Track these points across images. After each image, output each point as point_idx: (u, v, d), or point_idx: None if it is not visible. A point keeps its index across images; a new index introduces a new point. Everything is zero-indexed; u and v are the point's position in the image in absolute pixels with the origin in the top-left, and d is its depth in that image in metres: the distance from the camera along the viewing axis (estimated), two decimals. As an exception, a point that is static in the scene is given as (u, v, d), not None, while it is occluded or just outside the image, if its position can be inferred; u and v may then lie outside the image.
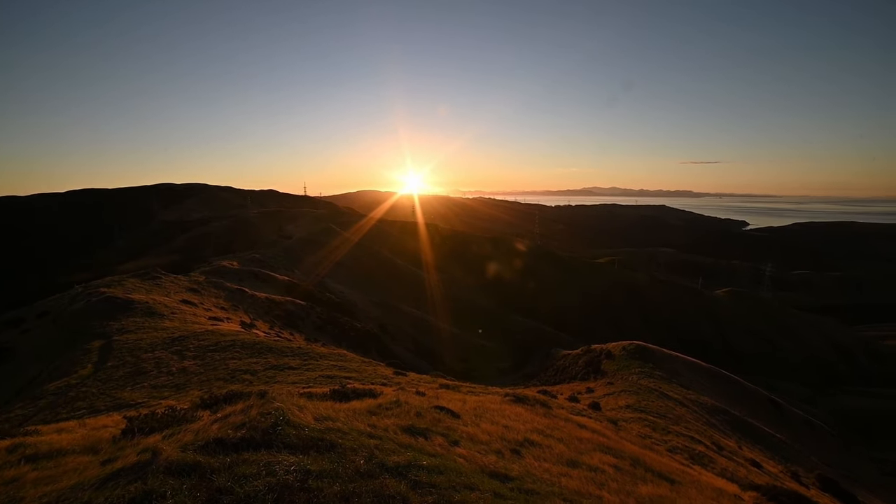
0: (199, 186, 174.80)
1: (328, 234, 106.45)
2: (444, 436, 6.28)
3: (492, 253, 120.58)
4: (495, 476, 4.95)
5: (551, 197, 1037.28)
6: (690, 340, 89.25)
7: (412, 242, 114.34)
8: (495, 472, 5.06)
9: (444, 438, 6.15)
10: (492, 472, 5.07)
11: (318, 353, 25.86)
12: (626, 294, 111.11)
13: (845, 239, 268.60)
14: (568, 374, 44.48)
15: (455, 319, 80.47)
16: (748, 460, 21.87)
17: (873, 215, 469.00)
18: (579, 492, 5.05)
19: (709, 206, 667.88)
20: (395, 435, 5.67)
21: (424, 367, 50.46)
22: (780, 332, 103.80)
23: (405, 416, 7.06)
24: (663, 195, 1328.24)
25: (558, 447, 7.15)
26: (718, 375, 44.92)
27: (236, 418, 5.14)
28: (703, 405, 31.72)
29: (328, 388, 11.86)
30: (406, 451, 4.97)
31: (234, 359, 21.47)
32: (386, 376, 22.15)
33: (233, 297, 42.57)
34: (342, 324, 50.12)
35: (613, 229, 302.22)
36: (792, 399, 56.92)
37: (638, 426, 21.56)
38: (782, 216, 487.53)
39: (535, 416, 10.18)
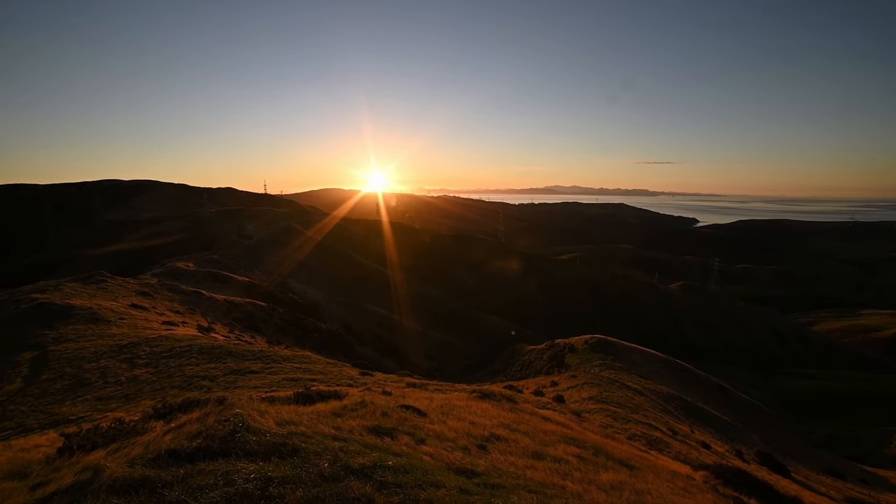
0: (150, 183, 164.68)
1: (290, 233, 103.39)
2: (411, 435, 6.24)
3: (457, 251, 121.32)
4: (462, 472, 4.97)
5: (515, 195, 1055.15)
6: (648, 332, 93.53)
7: (376, 241, 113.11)
8: (462, 469, 5.08)
9: (411, 437, 6.11)
10: (458, 468, 5.08)
11: (280, 355, 25.08)
12: (587, 290, 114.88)
13: (782, 235, 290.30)
14: (533, 368, 45.51)
15: (421, 317, 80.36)
16: (699, 442, 23.20)
17: (806, 213, 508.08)
18: (544, 483, 5.16)
19: (663, 205, 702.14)
20: (360, 436, 5.58)
21: (391, 366, 50.09)
22: (727, 322, 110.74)
23: (371, 416, 6.96)
24: (621, 193, 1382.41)
25: (524, 441, 7.29)
26: (673, 365, 47.39)
27: (192, 427, 4.88)
28: (659, 393, 33.33)
29: (291, 391, 11.53)
30: (372, 452, 4.90)
31: (190, 365, 20.43)
32: (352, 377, 21.81)
33: (189, 300, 40.50)
34: (306, 325, 48.86)
35: (575, 227, 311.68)
36: (737, 383, 60.92)
37: (600, 416, 22.36)
38: (727, 214, 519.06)
39: (501, 411, 10.33)
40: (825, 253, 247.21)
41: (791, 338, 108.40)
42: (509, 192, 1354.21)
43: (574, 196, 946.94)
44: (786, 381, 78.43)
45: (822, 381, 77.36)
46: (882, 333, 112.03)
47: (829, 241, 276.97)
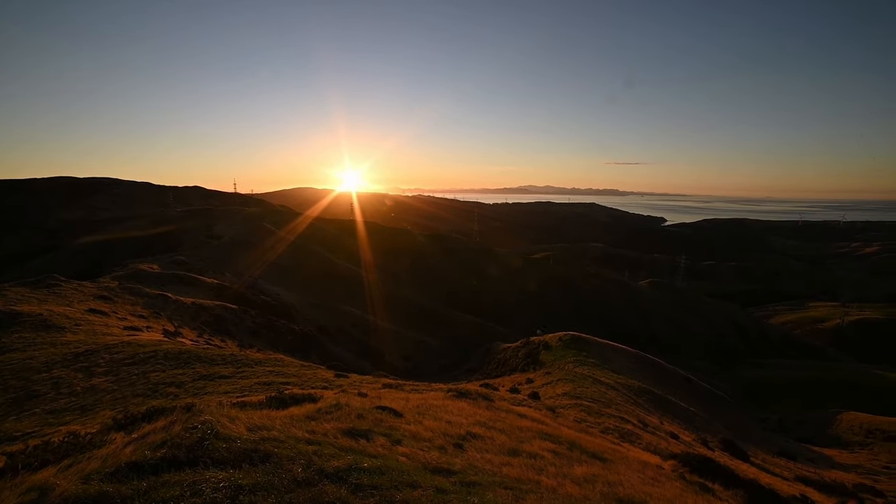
0: (109, 181, 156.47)
1: (262, 233, 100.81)
2: (387, 436, 6.19)
3: (432, 250, 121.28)
4: (438, 471, 4.96)
5: (489, 195, 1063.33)
6: (619, 328, 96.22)
7: (351, 241, 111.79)
8: (438, 468, 5.07)
9: (387, 438, 6.07)
10: (435, 467, 5.07)
11: (253, 359, 24.41)
12: (561, 288, 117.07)
13: (742, 233, 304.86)
14: (509, 366, 45.99)
15: (396, 318, 79.95)
16: (668, 433, 24.02)
17: (762, 213, 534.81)
18: (519, 479, 5.22)
19: (633, 204, 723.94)
20: (335, 439, 5.49)
21: (367, 367, 49.59)
22: (693, 317, 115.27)
23: (346, 418, 6.87)
24: (593, 193, 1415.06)
25: (500, 438, 7.36)
26: (643, 359, 48.87)
27: (156, 437, 4.65)
28: (630, 387, 34.32)
29: (264, 395, 11.23)
30: (347, 455, 4.83)
31: (155, 371, 19.54)
32: (327, 379, 21.47)
33: (153, 304, 38.83)
34: (279, 327, 47.76)
35: (548, 226, 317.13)
36: (702, 375, 63.51)
37: (574, 412, 22.79)
38: (693, 213, 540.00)
39: (477, 409, 10.39)
40: (779, 250, 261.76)
41: (750, 330, 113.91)
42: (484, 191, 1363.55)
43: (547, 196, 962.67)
44: (746, 372, 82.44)
45: (777, 371, 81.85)
46: (827, 324, 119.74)
47: (782, 239, 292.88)
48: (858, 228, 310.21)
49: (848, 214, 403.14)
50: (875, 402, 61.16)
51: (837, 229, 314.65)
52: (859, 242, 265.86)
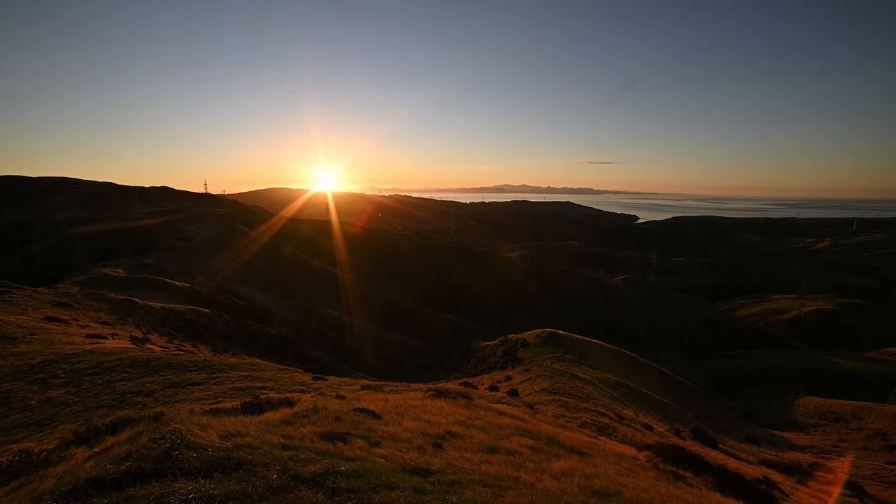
0: (66, 181, 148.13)
1: (234, 234, 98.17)
2: (365, 438, 6.12)
3: (409, 250, 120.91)
4: (417, 472, 4.93)
5: (466, 194, 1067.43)
6: (595, 324, 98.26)
7: (327, 242, 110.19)
8: (417, 468, 5.05)
9: (365, 440, 6.00)
10: (413, 468, 5.04)
11: (227, 364, 23.73)
12: (537, 285, 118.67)
13: (710, 230, 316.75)
14: (488, 364, 46.30)
15: (374, 318, 79.32)
16: (643, 425, 24.71)
17: (728, 210, 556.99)
18: (498, 476, 5.24)
19: (606, 203, 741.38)
20: (311, 443, 5.38)
21: (345, 369, 49.00)
22: (665, 312, 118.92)
23: (323, 422, 6.75)
24: (568, 192, 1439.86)
25: (479, 436, 7.38)
26: (618, 354, 50.12)
27: (120, 450, 4.42)
28: (607, 382, 35.13)
29: (239, 401, 10.95)
30: (324, 459, 4.74)
31: (122, 380, 18.66)
32: (304, 382, 21.11)
33: (119, 310, 37.19)
34: (254, 331, 46.61)
35: (524, 224, 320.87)
36: (674, 367, 65.63)
37: (553, 407, 23.16)
38: (663, 211, 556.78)
39: (456, 408, 10.41)
40: (744, 246, 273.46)
41: (718, 324, 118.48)
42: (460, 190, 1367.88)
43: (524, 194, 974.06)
44: (715, 363, 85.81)
45: (743, 361, 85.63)
46: (786, 316, 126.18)
47: (746, 235, 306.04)
48: (812, 225, 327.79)
49: (803, 212, 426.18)
50: (827, 387, 65.32)
51: (794, 226, 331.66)
52: (813, 238, 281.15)
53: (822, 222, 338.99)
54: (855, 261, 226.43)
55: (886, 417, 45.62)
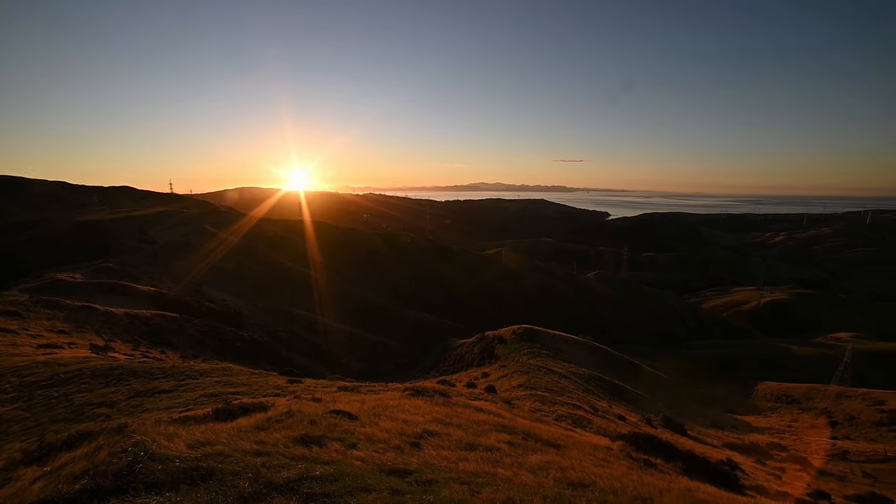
0: (16, 181, 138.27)
1: (203, 236, 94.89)
2: (341, 440, 6.03)
3: (384, 250, 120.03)
4: (394, 472, 4.90)
5: (440, 192, 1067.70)
6: (569, 319, 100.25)
7: (300, 242, 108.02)
8: (394, 469, 5.01)
9: (341, 443, 5.91)
10: (390, 469, 5.00)
11: (197, 370, 22.92)
12: (512, 282, 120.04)
13: (677, 226, 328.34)
14: (465, 361, 46.53)
15: (350, 319, 78.40)
16: (617, 416, 25.41)
17: (694, 207, 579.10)
18: (476, 472, 5.27)
19: (579, 200, 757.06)
20: (286, 448, 5.26)
21: (322, 371, 48.23)
22: (636, 305, 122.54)
23: (298, 426, 6.62)
24: (542, 190, 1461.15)
25: (457, 433, 7.40)
26: (592, 348, 51.36)
27: (75, 467, 4.14)
28: (581, 375, 35.94)
29: (210, 408, 10.61)
30: (298, 464, 4.63)
31: (81, 392, 17.61)
32: (279, 386, 20.66)
33: (76, 317, 35.29)
34: (226, 334, 45.23)
35: (499, 222, 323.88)
36: (645, 359, 67.85)
37: (529, 402, 23.49)
38: (633, 208, 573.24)
39: (434, 406, 10.40)
40: (710, 240, 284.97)
41: (686, 315, 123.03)
42: (435, 189, 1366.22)
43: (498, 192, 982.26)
44: (682, 353, 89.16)
45: (708, 351, 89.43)
46: (747, 307, 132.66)
47: (711, 231, 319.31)
48: (769, 220, 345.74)
49: (761, 208, 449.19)
50: (783, 372, 69.35)
51: (753, 221, 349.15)
52: (770, 233, 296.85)
53: (778, 217, 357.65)
54: (806, 253, 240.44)
55: (830, 397, 49.24)
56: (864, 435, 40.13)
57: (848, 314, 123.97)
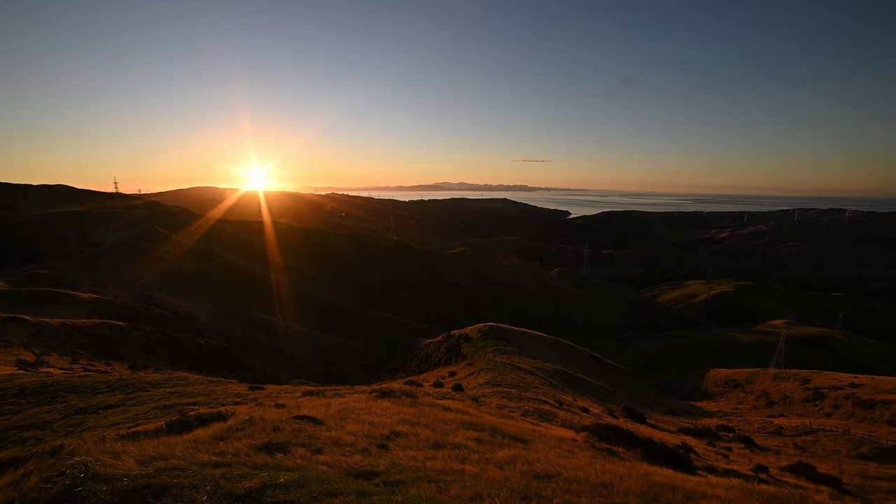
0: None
1: (154, 238, 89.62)
2: (306, 446, 5.87)
3: (348, 250, 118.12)
4: (361, 475, 4.82)
5: (405, 192, 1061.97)
6: (533, 315, 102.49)
7: (260, 243, 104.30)
8: (361, 472, 4.94)
9: (307, 448, 5.75)
10: (357, 472, 4.93)
11: (148, 381, 21.63)
12: (477, 281, 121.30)
13: (634, 224, 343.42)
14: (431, 361, 46.54)
15: (314, 321, 76.58)
16: (581, 408, 26.23)
17: (648, 205, 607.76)
18: (444, 470, 5.28)
19: (540, 199, 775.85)
20: (247, 457, 5.05)
21: (285, 376, 46.84)
22: (597, 300, 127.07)
23: (261, 433, 6.38)
24: (504, 189, 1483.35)
25: (425, 433, 7.39)
26: (556, 343, 52.74)
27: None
28: (546, 370, 36.82)
29: (164, 420, 10.04)
30: (261, 472, 4.46)
31: (5, 414, 15.86)
32: (240, 394, 19.87)
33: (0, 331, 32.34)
34: (181, 342, 42.96)
35: (463, 221, 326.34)
36: (607, 352, 70.52)
37: (496, 399, 23.80)
38: (592, 206, 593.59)
39: (401, 407, 10.34)
40: (663, 238, 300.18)
41: (643, 309, 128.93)
42: (399, 188, 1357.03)
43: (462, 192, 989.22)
44: (641, 345, 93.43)
45: (663, 342, 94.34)
46: (697, 299, 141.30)
47: (664, 228, 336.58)
48: (715, 218, 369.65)
49: (708, 206, 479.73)
50: (730, 359, 74.50)
51: (701, 219, 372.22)
52: (716, 230, 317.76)
53: (723, 216, 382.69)
54: (747, 248, 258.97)
55: (768, 380, 53.64)
56: (795, 411, 43.89)
57: (781, 303, 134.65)
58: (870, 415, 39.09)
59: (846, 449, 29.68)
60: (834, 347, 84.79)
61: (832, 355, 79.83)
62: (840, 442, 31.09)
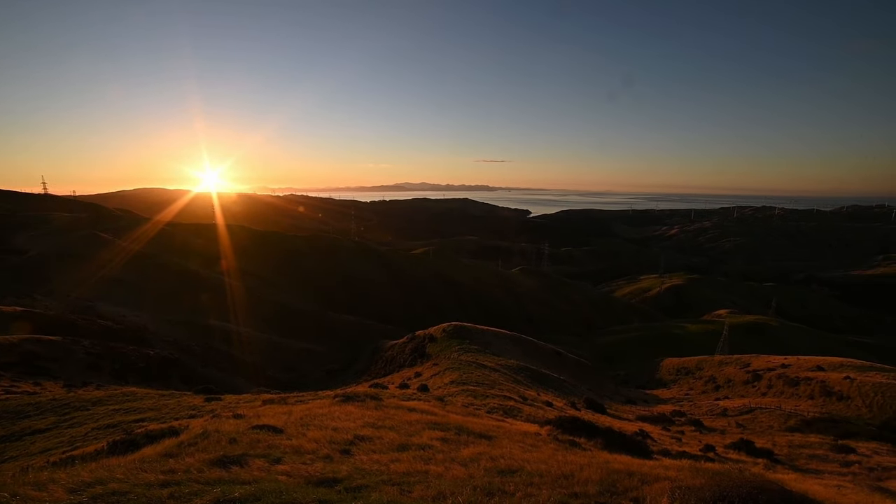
0: None
1: (94, 243, 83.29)
2: (265, 456, 5.64)
3: (308, 252, 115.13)
4: (322, 483, 4.69)
5: (366, 193, 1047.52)
6: (496, 313, 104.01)
7: (214, 247, 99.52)
8: (322, 479, 4.80)
9: (265, 459, 5.53)
10: (318, 479, 4.79)
11: (88, 399, 20.06)
12: (441, 280, 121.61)
13: (591, 222, 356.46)
14: (397, 363, 46.20)
15: (274, 327, 74.01)
16: (544, 402, 26.88)
17: (605, 204, 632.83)
18: (408, 472, 5.24)
19: (501, 199, 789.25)
20: (200, 473, 4.78)
21: (244, 385, 44.93)
22: (557, 297, 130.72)
23: (215, 447, 6.07)
24: (466, 189, 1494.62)
25: (389, 435, 7.30)
26: (519, 340, 53.76)
27: None
28: (510, 367, 37.45)
29: (105, 441, 9.35)
30: (214, 488, 4.23)
31: None
32: (195, 406, 18.86)
33: None
34: (127, 355, 40.13)
35: (425, 221, 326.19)
36: (568, 347, 72.71)
37: (462, 397, 23.94)
38: (552, 205, 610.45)
39: (366, 411, 10.17)
40: (619, 235, 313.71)
41: (601, 304, 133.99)
42: (360, 189, 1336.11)
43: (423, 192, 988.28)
44: (600, 339, 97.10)
45: (621, 335, 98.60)
46: (651, 293, 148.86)
47: (620, 225, 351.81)
48: (666, 215, 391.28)
49: (660, 204, 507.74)
50: (681, 347, 79.17)
51: (654, 216, 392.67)
52: (666, 226, 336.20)
53: (674, 213, 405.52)
54: (694, 244, 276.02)
55: (715, 365, 57.63)
56: (738, 393, 47.44)
57: (725, 294, 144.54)
58: (796, 391, 43.26)
59: (778, 423, 32.94)
60: (769, 333, 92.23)
61: (768, 340, 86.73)
62: (773, 417, 34.43)
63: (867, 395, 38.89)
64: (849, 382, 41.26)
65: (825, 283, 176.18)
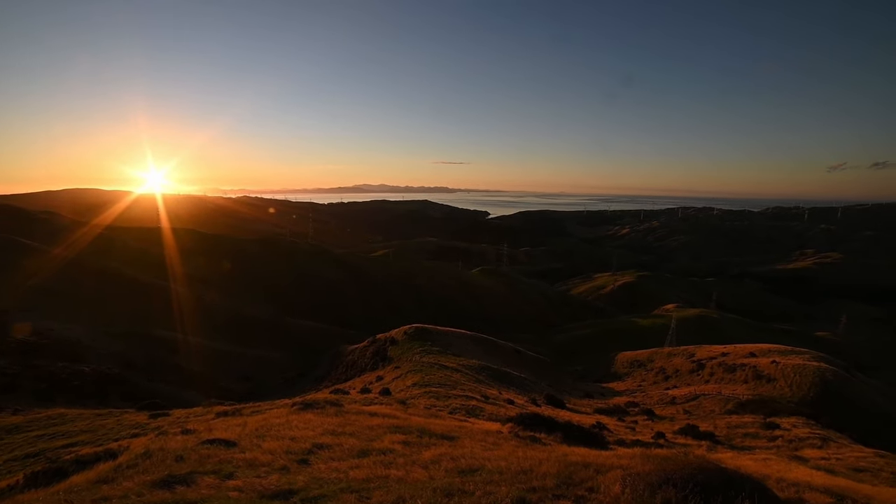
0: None
1: (12, 249, 75.51)
2: (215, 473, 5.35)
3: (263, 256, 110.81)
4: (277, 496, 4.51)
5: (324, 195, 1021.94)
6: (457, 314, 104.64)
7: (159, 252, 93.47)
8: (277, 492, 4.62)
9: (215, 476, 5.23)
10: (273, 493, 4.60)
11: (3, 427, 18.08)
12: (402, 283, 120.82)
13: (548, 222, 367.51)
14: (358, 367, 45.39)
15: (226, 335, 70.52)
16: (506, 400, 27.33)
17: (560, 205, 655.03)
18: (367, 478, 5.15)
19: (461, 200, 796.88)
20: (139, 497, 4.45)
21: (196, 398, 42.38)
22: (517, 296, 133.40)
23: (158, 467, 5.68)
24: (425, 191, 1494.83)
25: (350, 442, 7.15)
26: (480, 339, 54.40)
27: None
28: (472, 367, 37.78)
29: (22, 473, 8.43)
30: (157, 511, 3.97)
31: None
32: (139, 424, 17.55)
33: None
34: (55, 373, 36.73)
35: (385, 223, 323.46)
36: (528, 345, 74.40)
37: (424, 399, 23.87)
38: (510, 207, 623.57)
39: (325, 418, 9.90)
40: (574, 234, 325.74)
41: (558, 302, 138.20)
42: (318, 191, 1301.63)
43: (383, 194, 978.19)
44: (558, 336, 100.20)
45: (578, 331, 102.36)
46: (605, 290, 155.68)
47: (575, 226, 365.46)
48: (618, 216, 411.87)
49: (612, 205, 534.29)
50: (634, 341, 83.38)
51: (606, 217, 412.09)
52: (618, 227, 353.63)
53: (624, 214, 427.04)
54: (643, 242, 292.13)
55: (664, 357, 61.16)
56: (685, 381, 50.67)
57: (672, 289, 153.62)
58: (734, 377, 47.03)
59: (718, 407, 35.81)
60: (710, 324, 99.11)
61: (710, 331, 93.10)
62: (715, 402, 37.36)
63: (788, 376, 43.18)
64: (774, 366, 45.49)
65: (756, 278, 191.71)
